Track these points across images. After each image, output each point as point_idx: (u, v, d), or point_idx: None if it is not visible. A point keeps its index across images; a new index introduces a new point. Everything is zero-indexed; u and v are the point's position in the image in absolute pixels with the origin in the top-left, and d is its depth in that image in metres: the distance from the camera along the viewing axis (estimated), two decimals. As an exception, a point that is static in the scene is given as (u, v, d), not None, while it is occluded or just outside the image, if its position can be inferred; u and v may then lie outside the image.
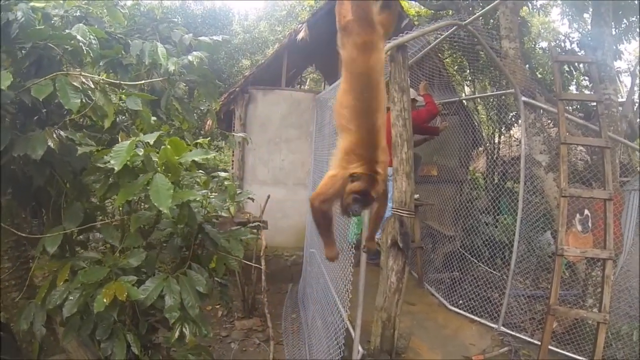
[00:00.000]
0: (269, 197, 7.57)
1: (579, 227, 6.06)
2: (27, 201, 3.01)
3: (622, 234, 6.25)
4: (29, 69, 2.62)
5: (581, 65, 11.17)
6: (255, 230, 3.79)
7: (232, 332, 6.99)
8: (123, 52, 3.22)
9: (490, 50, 6.20)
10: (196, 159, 2.54)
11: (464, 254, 8.31)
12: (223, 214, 3.38)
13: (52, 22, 2.82)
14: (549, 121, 7.83)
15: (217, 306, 7.62)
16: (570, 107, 12.55)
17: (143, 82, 3.12)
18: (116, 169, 2.14)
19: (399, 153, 4.36)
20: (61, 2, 2.99)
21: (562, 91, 5.39)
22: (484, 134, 11.76)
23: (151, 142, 2.33)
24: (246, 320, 7.27)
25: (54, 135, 2.38)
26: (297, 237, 9.08)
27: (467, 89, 13.38)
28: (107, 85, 2.94)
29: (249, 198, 3.68)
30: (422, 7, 12.61)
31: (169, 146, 2.43)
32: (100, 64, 3.06)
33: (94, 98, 2.50)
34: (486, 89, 13.04)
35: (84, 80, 2.37)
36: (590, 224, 6.09)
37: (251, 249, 6.79)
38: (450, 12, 10.24)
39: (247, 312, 7.44)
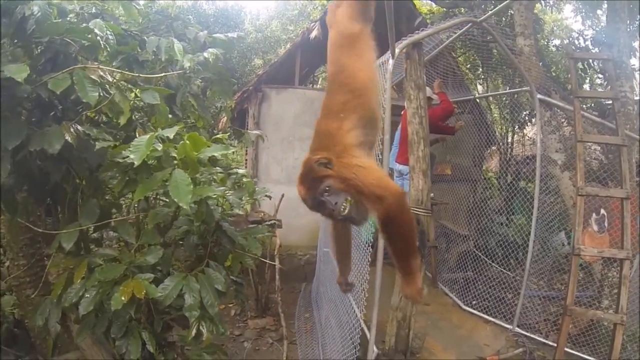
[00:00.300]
0: (283, 195, 7.55)
1: (595, 227, 5.99)
2: (43, 198, 3.01)
3: (638, 234, 6.18)
4: (45, 65, 2.62)
5: (595, 63, 11.07)
6: (271, 229, 3.77)
7: (245, 331, 6.98)
8: (139, 49, 3.21)
9: (506, 47, 6.15)
10: (215, 154, 2.52)
11: (477, 254, 8.26)
12: (238, 211, 3.36)
13: (68, 18, 2.81)
14: (563, 120, 7.76)
15: (230, 305, 7.63)
16: (584, 105, 12.46)
17: (159, 76, 3.10)
18: (136, 163, 2.12)
19: (416, 151, 4.34)
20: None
21: (578, 87, 5.33)
22: (497, 133, 11.71)
23: (171, 137, 2.31)
24: (259, 319, 7.27)
25: (71, 130, 2.37)
26: (311, 236, 9.04)
27: (480, 88, 13.31)
28: (123, 82, 2.95)
29: (266, 196, 3.66)
30: (434, 5, 12.55)
31: (187, 141, 2.41)
32: (116, 60, 3.05)
33: (111, 93, 2.49)
34: (499, 88, 12.98)
35: (102, 73, 2.35)
36: (606, 224, 6.02)
37: (266, 247, 6.79)
38: (463, 10, 10.17)
39: (260, 311, 7.43)
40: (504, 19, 10.22)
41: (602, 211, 6.06)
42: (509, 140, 12.18)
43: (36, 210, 3.15)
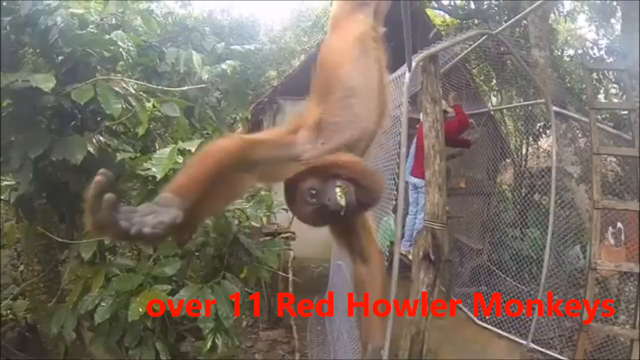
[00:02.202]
0: (297, 207, 7.56)
1: (612, 241, 5.91)
2: (60, 206, 3.02)
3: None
4: (66, 74, 2.64)
5: (610, 73, 10.98)
6: (286, 241, 3.77)
7: (256, 343, 6.98)
8: (158, 60, 3.25)
9: (521, 59, 6.14)
10: None
11: (491, 268, 8.20)
12: (254, 223, 3.36)
13: (89, 28, 2.84)
14: (579, 132, 7.70)
15: (243, 316, 7.61)
16: (599, 117, 12.37)
17: (178, 89, 3.13)
18: (158, 177, 2.13)
19: (432, 165, 4.32)
20: (99, 9, 3.02)
21: (594, 99, 5.30)
22: (511, 146, 11.65)
23: (192, 150, 2.32)
24: (271, 331, 7.26)
25: (94, 141, 2.39)
26: (324, 249, 8.99)
27: (494, 99, 13.27)
28: (141, 93, 2.98)
29: (282, 209, 3.66)
30: (448, 17, 12.56)
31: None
32: (136, 71, 3.09)
33: (133, 104, 2.51)
34: (512, 100, 12.93)
35: (124, 85, 2.38)
36: (623, 237, 5.95)
37: (280, 259, 6.80)
38: (476, 22, 10.17)
39: (272, 323, 7.41)
40: (518, 29, 10.20)
41: (619, 224, 5.98)
42: (524, 152, 12.11)
43: (53, 217, 3.18)
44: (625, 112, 6.26)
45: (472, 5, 8.92)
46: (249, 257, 3.10)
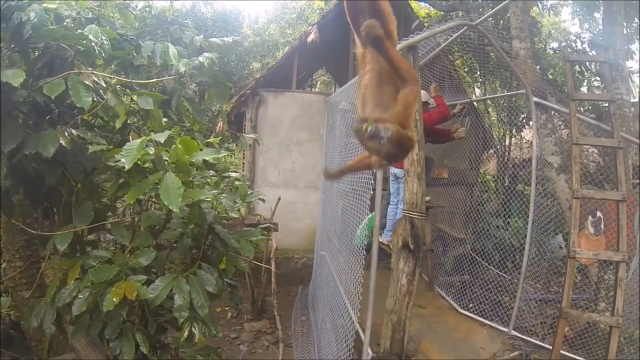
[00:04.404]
0: (279, 199, 7.58)
1: (591, 229, 6.00)
2: (38, 200, 3.02)
3: (634, 236, 6.19)
4: (42, 69, 2.63)
5: (592, 66, 11.07)
6: (265, 232, 3.78)
7: (241, 334, 7.00)
8: (134, 53, 3.23)
9: (501, 50, 6.16)
10: (207, 158, 2.54)
11: (474, 257, 8.27)
12: (233, 214, 3.37)
13: (64, 23, 2.82)
14: (560, 122, 7.77)
15: (227, 308, 7.64)
16: (581, 108, 12.48)
17: (154, 81, 3.13)
18: (127, 167, 2.14)
19: (411, 155, 4.33)
20: (72, 3, 3.00)
21: (574, 90, 5.34)
22: (494, 136, 11.72)
23: (162, 141, 2.33)
24: (255, 322, 7.28)
25: (66, 134, 2.39)
26: (308, 240, 9.06)
27: (477, 91, 13.32)
28: (118, 86, 2.97)
29: (259, 199, 3.67)
30: (432, 8, 12.58)
31: (179, 145, 2.43)
32: (112, 65, 3.07)
33: (105, 97, 2.50)
34: (496, 91, 12.98)
35: (95, 79, 2.38)
36: (602, 226, 6.03)
37: (261, 250, 6.81)
38: (460, 13, 10.19)
39: (256, 314, 7.45)
40: (501, 21, 10.25)
41: (598, 213, 6.07)
42: (507, 143, 12.20)
43: (33, 213, 3.17)
44: (605, 104, 6.32)
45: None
46: (225, 247, 3.11)
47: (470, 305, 7.31)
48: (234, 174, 3.35)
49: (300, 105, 9.93)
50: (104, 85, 2.50)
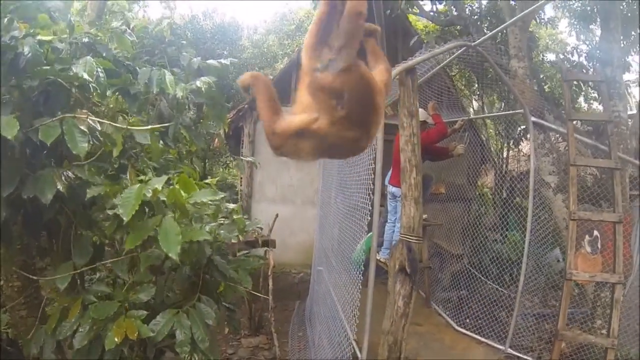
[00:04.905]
0: (277, 216, 7.61)
1: (588, 248, 6.02)
2: (37, 231, 3.02)
3: (631, 255, 6.22)
4: (38, 98, 2.63)
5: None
6: (263, 256, 3.80)
7: (238, 350, 6.99)
8: (131, 78, 3.23)
9: (500, 71, 6.20)
10: (205, 200, 2.56)
11: (472, 271, 8.28)
12: (233, 240, 3.38)
13: (60, 53, 2.82)
14: (558, 136, 7.79)
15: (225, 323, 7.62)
16: (578, 123, 12.54)
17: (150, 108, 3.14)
18: (125, 219, 2.15)
19: (408, 178, 4.34)
20: (66, 32, 3.00)
21: (572, 110, 5.38)
22: (492, 149, 11.77)
23: (159, 188, 2.34)
24: (253, 338, 7.28)
25: (62, 178, 2.40)
26: (305, 255, 9.08)
27: (475, 104, 13.39)
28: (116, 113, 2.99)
29: (257, 227, 3.68)
30: (430, 22, 12.65)
31: (177, 186, 2.45)
32: (108, 93, 3.07)
33: (101, 139, 2.52)
34: (494, 104, 13.05)
35: (91, 123, 2.38)
36: (599, 245, 6.05)
37: (259, 267, 6.82)
38: (458, 28, 10.25)
39: (253, 329, 7.44)
40: (500, 35, 10.29)
41: (595, 233, 6.09)
42: (504, 155, 12.25)
43: (32, 243, 3.17)
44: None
45: (454, 12, 8.93)
46: (224, 277, 3.13)
47: (468, 320, 7.33)
48: (231, 205, 3.35)
49: (299, 121, 9.90)
50: (99, 129, 2.51)
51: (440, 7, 10.70)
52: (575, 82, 10.85)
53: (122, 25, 3.69)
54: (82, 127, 2.29)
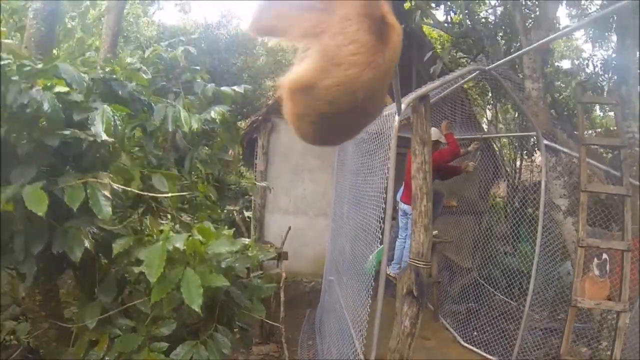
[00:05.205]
0: (289, 228, 7.73)
1: (597, 272, 6.05)
2: (61, 268, 3.14)
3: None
4: (59, 153, 2.72)
5: (605, 91, 11.06)
6: (276, 284, 3.97)
7: (249, 358, 7.11)
8: (147, 115, 3.35)
9: (513, 94, 6.27)
10: (222, 251, 2.71)
11: (481, 283, 8.35)
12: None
13: (79, 101, 2.86)
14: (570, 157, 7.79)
15: (235, 330, 7.75)
16: (593, 132, 12.52)
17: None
18: (152, 280, 2.29)
19: (419, 206, 4.43)
20: (85, 72, 3.10)
21: (585, 134, 5.41)
22: (505, 159, 11.79)
23: (180, 247, 2.47)
24: (263, 346, 7.38)
25: (90, 237, 2.53)
26: (317, 265, 9.22)
27: (489, 113, 13.40)
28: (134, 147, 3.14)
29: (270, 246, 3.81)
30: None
31: (197, 234, 2.60)
32: (127, 131, 3.17)
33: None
34: (508, 112, 13.04)
35: (115, 187, 2.49)
36: (608, 269, 6.09)
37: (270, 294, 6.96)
38: (471, 41, 10.26)
39: (264, 337, 7.55)
40: (513, 50, 10.27)
41: (604, 256, 6.12)
42: (517, 165, 12.26)
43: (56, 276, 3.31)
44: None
45: (468, 23, 8.92)
46: (239, 307, 3.28)
47: (475, 333, 7.40)
48: (246, 241, 3.47)
49: (313, 133, 10.00)
50: (121, 194, 2.63)
51: (454, 16, 10.72)
52: (591, 91, 10.78)
53: (135, 58, 3.82)
54: (105, 193, 2.40)
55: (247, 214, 5.99)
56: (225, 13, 16.07)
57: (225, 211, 5.99)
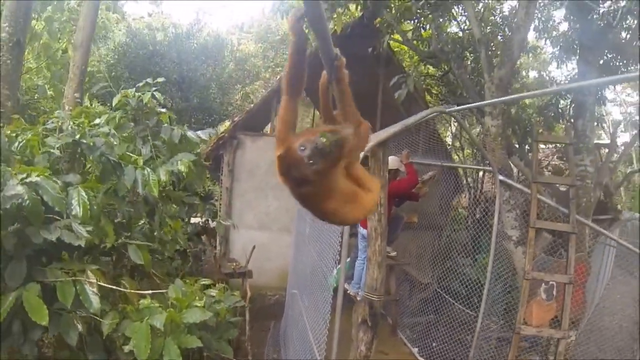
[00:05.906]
0: (254, 247, 7.89)
1: (544, 296, 6.36)
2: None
3: (584, 301, 6.58)
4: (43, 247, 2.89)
5: (567, 113, 11.21)
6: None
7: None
8: (118, 178, 3.52)
9: (472, 135, 6.50)
10: (196, 321, 2.99)
11: (440, 293, 8.65)
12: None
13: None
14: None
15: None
16: (546, 147, 12.83)
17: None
18: (141, 359, 2.62)
19: (373, 245, 4.72)
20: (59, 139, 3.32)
21: (537, 172, 5.66)
22: (467, 172, 12.06)
23: (160, 327, 2.75)
24: (230, 365, 7.56)
25: (82, 323, 2.78)
26: (281, 279, 9.50)
27: (453, 127, 13.66)
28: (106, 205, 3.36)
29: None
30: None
31: (174, 303, 2.89)
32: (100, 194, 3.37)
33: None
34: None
35: (101, 283, 2.74)
36: (554, 292, 6.41)
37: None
38: (442, 62, 10.36)
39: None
40: (476, 73, 10.33)
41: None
42: (480, 176, 12.53)
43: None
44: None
45: (438, 45, 9.09)
46: (209, 350, 3.56)
47: (434, 344, 7.68)
48: (213, 292, 3.73)
49: (277, 150, 10.12)
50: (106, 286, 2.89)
51: (424, 32, 10.84)
52: (552, 115, 11.00)
53: (103, 119, 4.01)
54: (93, 289, 2.65)
55: (212, 224, 6.17)
56: (195, 22, 15.92)
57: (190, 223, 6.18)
